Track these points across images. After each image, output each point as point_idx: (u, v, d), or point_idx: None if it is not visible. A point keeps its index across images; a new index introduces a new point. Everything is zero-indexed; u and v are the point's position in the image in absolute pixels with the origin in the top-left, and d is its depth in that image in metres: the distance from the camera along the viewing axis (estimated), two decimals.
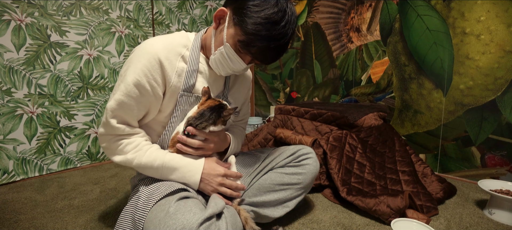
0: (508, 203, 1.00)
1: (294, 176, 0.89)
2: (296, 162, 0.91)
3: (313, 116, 1.47)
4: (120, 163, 0.79)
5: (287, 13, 0.72)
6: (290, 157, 0.91)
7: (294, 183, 0.89)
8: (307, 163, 0.91)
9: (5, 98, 1.34)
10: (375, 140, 1.35)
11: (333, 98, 1.97)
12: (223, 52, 0.78)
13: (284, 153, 0.93)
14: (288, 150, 0.94)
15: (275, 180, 0.88)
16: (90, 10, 1.56)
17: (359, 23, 1.76)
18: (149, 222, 0.67)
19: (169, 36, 0.82)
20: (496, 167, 1.33)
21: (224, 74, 0.84)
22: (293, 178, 0.88)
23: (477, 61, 1.34)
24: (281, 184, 0.88)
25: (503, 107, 1.29)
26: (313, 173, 0.92)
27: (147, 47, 0.76)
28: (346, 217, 1.04)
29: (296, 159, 0.91)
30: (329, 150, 1.24)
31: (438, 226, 0.98)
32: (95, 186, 1.33)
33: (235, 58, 0.78)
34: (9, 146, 1.36)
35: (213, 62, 0.82)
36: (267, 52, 0.75)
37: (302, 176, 0.89)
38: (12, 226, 0.97)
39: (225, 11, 0.77)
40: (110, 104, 0.75)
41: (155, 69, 0.75)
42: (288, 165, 0.91)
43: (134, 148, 0.78)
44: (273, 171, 0.90)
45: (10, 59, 1.33)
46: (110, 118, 0.76)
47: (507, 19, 1.24)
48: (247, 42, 0.74)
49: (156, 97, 0.78)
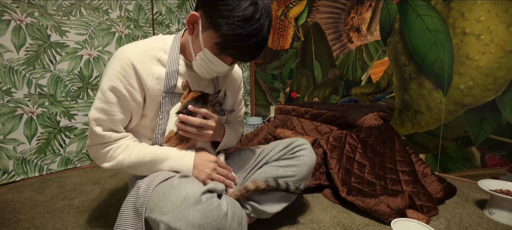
0: (508, 203, 1.00)
1: (289, 168, 0.88)
2: (291, 154, 0.90)
3: (313, 116, 1.47)
4: (112, 168, 0.79)
5: (258, 5, 0.70)
6: (284, 149, 0.91)
7: (289, 176, 0.87)
8: (301, 154, 0.89)
9: (5, 98, 1.33)
10: (375, 140, 1.35)
11: (333, 98, 1.97)
12: (203, 57, 0.77)
13: (278, 146, 0.92)
14: (282, 142, 0.93)
15: (270, 174, 0.87)
16: (90, 10, 1.56)
17: (359, 23, 1.76)
18: (152, 198, 0.68)
19: (144, 41, 0.83)
20: (496, 167, 1.33)
21: (209, 77, 0.83)
22: (288, 170, 0.87)
23: (477, 61, 1.34)
24: (276, 177, 0.87)
25: (503, 107, 1.29)
26: (309, 165, 0.90)
27: (120, 53, 0.77)
28: (346, 217, 1.04)
29: (290, 151, 0.90)
30: (329, 150, 1.24)
31: (438, 226, 0.98)
32: (95, 186, 1.33)
33: (216, 61, 0.76)
34: (9, 146, 1.36)
35: (196, 68, 0.81)
36: (246, 50, 0.73)
37: (297, 168, 0.88)
38: (12, 226, 0.97)
39: (196, 15, 0.75)
40: (91, 114, 0.77)
41: (129, 74, 0.76)
42: (282, 157, 0.90)
43: (124, 150, 0.78)
44: (268, 164, 0.90)
45: (10, 59, 1.33)
46: (95, 126, 0.76)
47: (507, 19, 1.24)
48: (224, 44, 0.72)
49: (135, 102, 0.79)
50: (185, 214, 0.61)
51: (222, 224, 0.65)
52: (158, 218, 0.62)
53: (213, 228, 0.63)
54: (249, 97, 2.57)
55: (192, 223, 0.61)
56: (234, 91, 1.01)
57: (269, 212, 0.87)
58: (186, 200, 0.62)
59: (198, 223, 0.61)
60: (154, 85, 0.79)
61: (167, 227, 0.61)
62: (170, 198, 0.62)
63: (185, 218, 0.60)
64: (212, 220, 0.63)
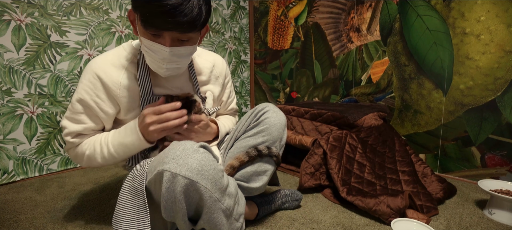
0: (508, 203, 1.00)
1: (258, 135, 0.87)
2: (256, 121, 0.89)
3: (313, 116, 1.47)
4: (88, 165, 0.87)
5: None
6: (249, 119, 0.91)
7: (261, 142, 0.87)
8: (265, 116, 0.88)
9: (5, 98, 1.33)
10: (375, 140, 1.35)
11: (333, 98, 1.97)
12: (145, 49, 0.77)
13: (243, 118, 0.94)
14: (247, 114, 0.93)
15: (241, 146, 0.88)
16: (90, 10, 1.56)
17: (359, 23, 1.76)
18: (150, 167, 0.72)
19: (111, 52, 0.86)
20: (496, 167, 1.33)
21: (165, 73, 0.80)
22: (258, 138, 0.87)
23: (477, 61, 1.34)
24: (249, 147, 0.87)
25: (503, 107, 1.29)
26: (276, 124, 0.87)
27: (88, 67, 0.84)
28: (346, 217, 1.04)
29: (254, 118, 0.90)
30: (329, 150, 1.24)
31: (438, 226, 0.98)
32: (95, 186, 1.33)
33: (155, 47, 0.74)
34: (9, 146, 1.36)
35: (152, 66, 0.81)
36: (160, 17, 0.68)
37: (266, 132, 0.87)
38: (12, 226, 0.97)
39: (131, 13, 0.78)
40: (62, 123, 0.85)
41: (97, 87, 0.82)
42: (249, 128, 0.90)
43: (88, 146, 0.85)
44: (238, 140, 0.91)
45: (10, 59, 1.33)
46: (65, 136, 0.85)
47: (507, 19, 1.24)
48: (143, 20, 0.70)
49: (103, 112, 0.84)
50: (184, 160, 0.65)
51: (218, 176, 0.70)
52: (159, 169, 0.66)
53: (210, 177, 0.68)
54: (249, 97, 2.57)
55: (191, 168, 0.65)
56: (219, 87, 1.02)
57: (253, 188, 0.88)
58: (185, 150, 0.67)
59: (197, 168, 0.66)
60: (124, 94, 0.83)
61: (169, 174, 0.64)
62: (171, 151, 0.67)
63: (185, 164, 0.65)
64: (209, 169, 0.68)
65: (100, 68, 0.81)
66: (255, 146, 0.87)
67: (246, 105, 2.55)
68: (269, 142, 0.87)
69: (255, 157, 0.85)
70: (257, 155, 0.85)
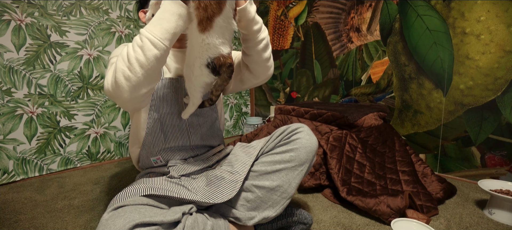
0: (508, 203, 1.00)
1: (286, 154, 0.82)
2: (286, 139, 0.85)
3: (313, 116, 1.47)
4: (128, 82, 0.67)
5: None
6: (280, 136, 0.86)
7: (286, 161, 0.82)
8: (297, 137, 0.84)
9: (5, 98, 1.33)
10: (375, 140, 1.35)
11: (333, 98, 1.97)
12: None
13: (274, 134, 0.88)
14: (278, 130, 0.88)
15: (266, 161, 0.83)
16: (90, 10, 1.56)
17: (359, 23, 1.76)
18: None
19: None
20: (496, 167, 1.33)
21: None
22: (285, 156, 0.82)
23: (477, 61, 1.34)
24: (274, 163, 0.82)
25: (503, 107, 1.29)
26: (307, 147, 0.83)
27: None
28: (346, 217, 1.04)
29: (285, 136, 0.85)
30: (329, 150, 1.24)
31: (438, 226, 0.98)
32: (95, 186, 1.33)
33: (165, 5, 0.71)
34: (9, 146, 1.36)
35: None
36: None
37: (294, 152, 0.82)
38: (12, 226, 0.97)
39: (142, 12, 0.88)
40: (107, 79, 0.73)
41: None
42: (278, 145, 0.85)
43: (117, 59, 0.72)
44: (264, 154, 0.86)
45: (10, 59, 1.33)
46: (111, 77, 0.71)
47: (507, 19, 1.24)
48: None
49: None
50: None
51: None
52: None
53: None
54: (249, 97, 2.57)
55: None
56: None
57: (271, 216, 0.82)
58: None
59: None
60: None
61: None
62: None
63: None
64: None
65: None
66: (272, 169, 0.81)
67: (246, 105, 2.55)
68: (295, 163, 0.82)
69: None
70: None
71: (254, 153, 0.86)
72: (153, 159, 0.91)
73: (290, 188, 0.82)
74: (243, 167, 0.83)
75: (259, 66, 0.87)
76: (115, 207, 0.64)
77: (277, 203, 0.81)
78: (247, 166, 0.83)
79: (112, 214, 0.61)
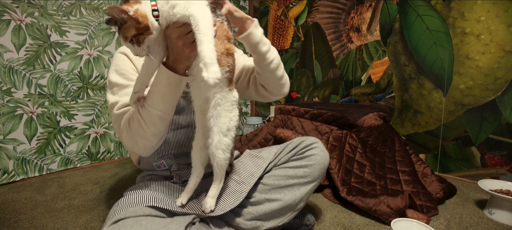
0: (508, 203, 1.00)
1: (300, 169, 0.82)
2: (301, 154, 0.84)
3: (313, 116, 1.47)
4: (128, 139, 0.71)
5: None
6: (294, 150, 0.85)
7: (300, 176, 0.81)
8: (312, 153, 0.82)
9: (5, 98, 1.33)
10: (375, 140, 1.35)
11: (333, 98, 1.97)
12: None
13: (287, 147, 0.86)
14: (291, 143, 0.87)
15: (279, 175, 0.82)
16: (90, 10, 1.56)
17: (359, 23, 1.76)
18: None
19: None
20: (496, 167, 1.33)
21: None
22: (299, 171, 0.81)
23: (477, 61, 1.34)
24: (287, 177, 0.81)
25: (503, 107, 1.29)
26: (321, 164, 0.82)
27: (116, 53, 0.85)
28: (346, 217, 1.04)
29: (300, 150, 0.84)
30: (329, 150, 1.24)
31: (438, 226, 0.98)
32: (95, 186, 1.33)
33: None
34: (9, 146, 1.36)
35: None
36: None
37: (309, 169, 0.81)
38: (12, 226, 0.97)
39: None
40: (109, 104, 0.78)
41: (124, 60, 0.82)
42: (292, 158, 0.84)
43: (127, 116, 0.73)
44: (277, 167, 0.85)
45: (10, 59, 1.33)
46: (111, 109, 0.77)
47: (507, 19, 1.24)
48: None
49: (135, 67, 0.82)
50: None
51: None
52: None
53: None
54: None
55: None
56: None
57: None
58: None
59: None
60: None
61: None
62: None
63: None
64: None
65: (125, 48, 0.81)
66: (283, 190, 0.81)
67: (246, 105, 2.55)
68: (309, 179, 0.82)
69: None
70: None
71: (263, 166, 0.84)
72: (156, 164, 0.88)
73: (301, 203, 0.82)
74: (250, 178, 0.82)
75: (273, 85, 0.86)
76: (115, 220, 0.63)
77: (284, 215, 0.81)
78: (254, 177, 0.82)
79: (111, 228, 0.61)
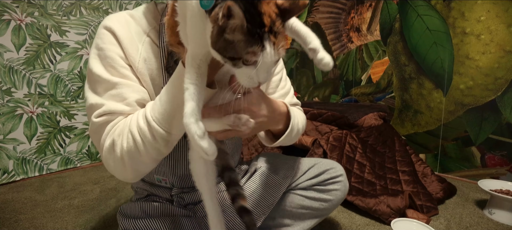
0: (508, 203, 1.00)
1: (317, 202, 0.76)
2: (323, 185, 0.77)
3: (313, 116, 1.47)
4: (115, 165, 0.58)
5: None
6: (316, 178, 0.77)
7: (315, 208, 0.76)
8: (335, 188, 0.76)
9: (5, 98, 1.33)
10: (375, 140, 1.35)
11: (333, 98, 1.97)
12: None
13: (310, 171, 0.77)
14: (315, 167, 0.77)
15: (293, 203, 0.77)
16: (90, 10, 1.56)
17: (359, 23, 1.76)
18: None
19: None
20: (496, 167, 1.33)
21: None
22: (315, 203, 0.76)
23: (477, 61, 1.34)
24: (301, 207, 0.76)
25: (503, 107, 1.29)
26: (340, 200, 0.77)
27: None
28: (346, 217, 1.04)
29: (323, 181, 0.76)
30: (329, 150, 1.24)
31: (438, 226, 0.98)
32: (95, 186, 1.33)
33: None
34: (9, 145, 1.36)
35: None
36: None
37: (327, 204, 0.76)
38: (12, 226, 0.97)
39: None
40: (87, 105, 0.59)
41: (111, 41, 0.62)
42: (313, 187, 0.77)
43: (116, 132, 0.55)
44: (293, 191, 0.78)
45: (10, 59, 1.33)
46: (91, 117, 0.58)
47: (507, 19, 1.24)
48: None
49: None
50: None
51: None
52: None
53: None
54: None
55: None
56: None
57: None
58: None
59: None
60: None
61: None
62: None
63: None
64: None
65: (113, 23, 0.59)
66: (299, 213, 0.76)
67: None
68: (323, 212, 0.78)
69: None
70: None
71: (277, 196, 0.76)
72: (158, 178, 0.75)
73: (307, 227, 0.78)
74: (263, 209, 0.74)
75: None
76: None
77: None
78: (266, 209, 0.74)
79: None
